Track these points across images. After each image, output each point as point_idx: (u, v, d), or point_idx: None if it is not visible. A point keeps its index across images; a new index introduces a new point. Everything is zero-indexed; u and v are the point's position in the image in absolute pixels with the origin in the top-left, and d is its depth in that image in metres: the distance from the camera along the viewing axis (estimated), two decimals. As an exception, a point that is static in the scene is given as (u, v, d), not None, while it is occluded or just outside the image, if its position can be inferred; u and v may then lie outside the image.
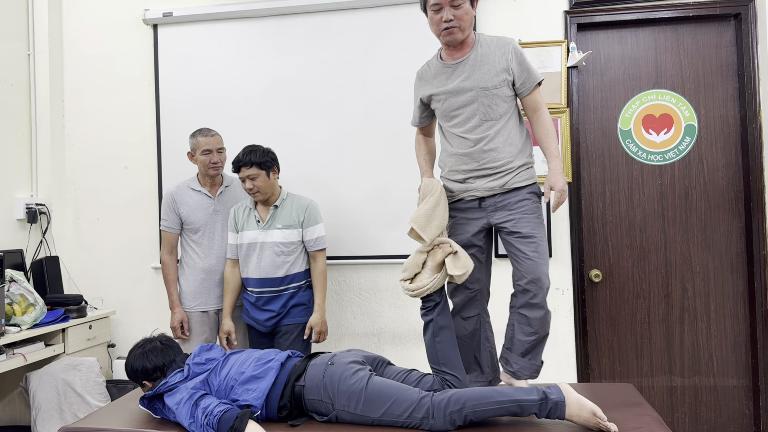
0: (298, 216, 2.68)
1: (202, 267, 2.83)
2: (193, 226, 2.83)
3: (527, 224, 2.08)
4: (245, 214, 2.72)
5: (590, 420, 1.80)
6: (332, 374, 1.96)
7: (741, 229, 3.01)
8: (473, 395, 1.86)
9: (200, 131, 2.83)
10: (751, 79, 2.92)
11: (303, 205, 2.71)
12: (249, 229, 2.68)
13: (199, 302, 2.83)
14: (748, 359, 3.00)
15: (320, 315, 2.68)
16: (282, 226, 2.66)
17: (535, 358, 2.13)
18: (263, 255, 2.65)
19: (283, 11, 3.21)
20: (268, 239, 2.65)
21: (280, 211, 2.69)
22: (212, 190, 2.88)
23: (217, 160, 2.81)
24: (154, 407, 2.04)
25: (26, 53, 3.37)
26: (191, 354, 2.15)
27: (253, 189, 2.62)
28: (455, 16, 2.00)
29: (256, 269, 2.66)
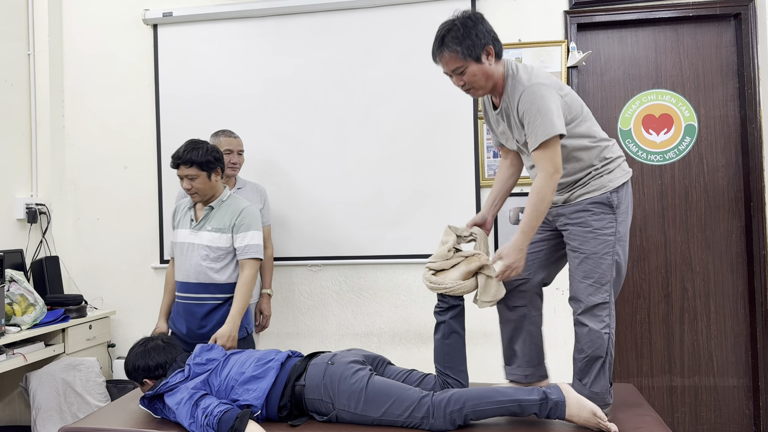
0: (231, 220, 2.46)
1: None
2: None
3: (576, 237, 1.97)
4: (184, 211, 2.57)
5: (590, 420, 1.79)
6: (333, 374, 1.96)
7: (741, 229, 3.01)
8: (473, 395, 1.86)
9: (223, 132, 2.87)
10: (751, 79, 2.92)
11: (237, 209, 2.49)
12: (183, 227, 2.53)
13: None
14: (748, 359, 3.00)
15: (229, 328, 2.37)
16: (212, 228, 2.46)
17: (594, 384, 1.95)
18: (190, 257, 2.47)
19: (283, 11, 3.21)
20: (197, 241, 2.47)
21: (215, 212, 2.49)
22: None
23: (236, 161, 2.83)
24: (155, 407, 2.04)
25: (26, 53, 3.37)
26: (192, 354, 2.15)
27: (191, 190, 2.43)
28: (465, 81, 1.94)
29: (183, 272, 2.49)
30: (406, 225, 3.13)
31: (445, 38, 1.89)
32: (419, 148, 3.12)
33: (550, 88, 1.87)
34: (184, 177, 2.42)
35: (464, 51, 1.86)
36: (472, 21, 1.88)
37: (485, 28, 1.89)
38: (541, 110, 1.83)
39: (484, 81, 1.92)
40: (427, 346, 3.14)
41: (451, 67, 1.92)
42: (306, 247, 3.22)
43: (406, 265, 3.16)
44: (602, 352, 1.93)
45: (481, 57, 1.88)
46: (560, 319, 3.03)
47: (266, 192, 3.02)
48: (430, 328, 3.15)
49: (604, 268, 1.93)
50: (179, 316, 2.51)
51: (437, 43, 1.92)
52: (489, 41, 1.88)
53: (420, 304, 3.15)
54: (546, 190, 1.85)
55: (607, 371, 1.95)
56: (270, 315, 2.98)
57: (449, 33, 1.88)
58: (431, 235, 3.11)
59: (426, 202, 3.12)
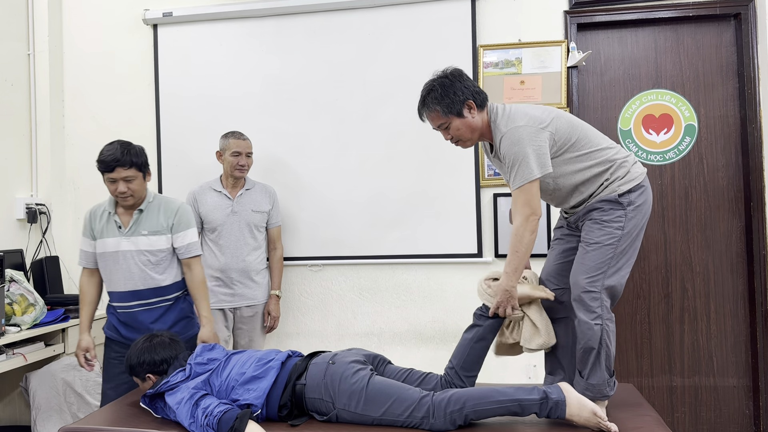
0: (167, 221, 2.40)
1: (216, 266, 2.86)
2: (211, 225, 2.87)
3: (585, 229, 2.02)
4: (104, 218, 2.41)
5: (590, 420, 1.80)
6: (333, 373, 1.96)
7: (741, 229, 3.01)
8: (474, 395, 1.86)
9: (233, 133, 2.89)
10: (751, 79, 2.92)
11: (172, 208, 2.43)
12: (109, 236, 2.38)
13: (215, 300, 2.84)
14: (748, 359, 3.00)
15: (210, 328, 2.41)
16: (148, 232, 2.37)
17: (591, 376, 1.96)
18: (129, 265, 2.36)
19: (283, 11, 3.21)
20: (133, 247, 2.37)
21: (146, 215, 2.39)
22: (233, 191, 2.91)
23: (245, 163, 2.86)
24: (155, 406, 2.04)
25: (26, 53, 3.37)
26: (193, 353, 2.16)
27: (127, 193, 2.30)
28: (451, 135, 2.06)
29: (122, 281, 2.37)
30: (406, 225, 3.13)
31: (426, 99, 2.04)
32: (419, 148, 3.12)
33: (526, 129, 1.94)
34: (120, 180, 2.28)
35: (444, 109, 2.00)
36: (449, 80, 2.02)
37: (463, 84, 2.01)
38: (517, 156, 1.93)
39: (469, 133, 2.04)
40: (427, 346, 3.14)
41: (435, 124, 2.06)
42: (306, 247, 3.22)
43: (406, 265, 3.16)
44: (594, 343, 1.94)
45: (463, 112, 2.00)
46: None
47: (276, 192, 3.05)
48: (430, 328, 3.15)
49: (602, 258, 1.94)
50: (124, 326, 2.41)
51: (421, 103, 2.07)
52: (468, 96, 2.00)
53: (420, 304, 3.15)
54: (523, 233, 1.94)
55: (602, 363, 1.95)
56: (278, 316, 3.02)
57: (429, 94, 2.03)
58: (431, 236, 3.11)
59: (426, 203, 3.12)
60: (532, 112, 2.00)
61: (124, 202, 2.34)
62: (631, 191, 1.97)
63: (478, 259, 3.07)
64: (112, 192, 2.32)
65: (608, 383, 1.97)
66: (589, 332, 1.94)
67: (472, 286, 3.08)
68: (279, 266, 3.04)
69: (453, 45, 3.08)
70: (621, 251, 1.95)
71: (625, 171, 1.99)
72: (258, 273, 2.94)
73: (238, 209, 2.89)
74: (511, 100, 3.03)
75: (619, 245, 1.95)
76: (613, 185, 1.98)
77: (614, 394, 2.16)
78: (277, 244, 3.04)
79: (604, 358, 1.95)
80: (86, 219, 2.44)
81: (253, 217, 2.92)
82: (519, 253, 1.96)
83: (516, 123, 1.96)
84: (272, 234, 3.03)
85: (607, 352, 1.95)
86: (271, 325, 2.99)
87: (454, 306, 3.11)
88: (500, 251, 3.04)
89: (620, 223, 1.95)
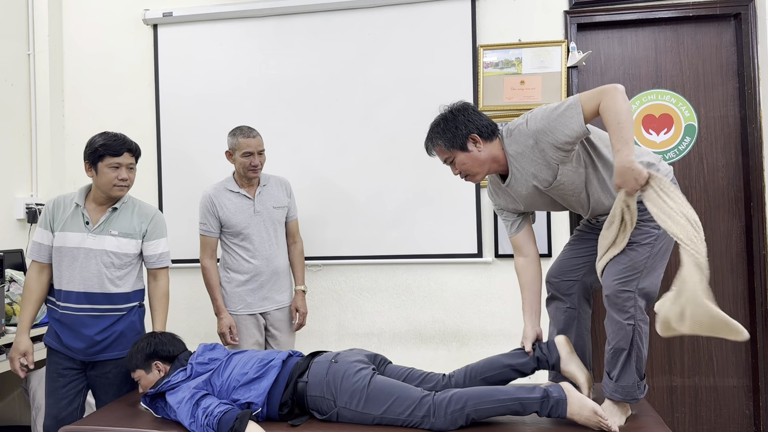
0: (141, 225, 2.32)
1: (247, 269, 2.72)
2: (235, 229, 2.71)
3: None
4: (68, 210, 2.26)
5: (591, 419, 1.79)
6: (336, 371, 1.96)
7: (741, 229, 3.01)
8: (474, 394, 1.86)
9: (241, 131, 2.69)
10: (751, 79, 2.92)
11: (148, 213, 2.35)
12: (73, 230, 2.24)
13: (244, 305, 2.74)
14: (748, 359, 3.00)
15: None
16: (118, 233, 2.27)
17: (621, 378, 1.90)
18: (89, 264, 2.23)
19: (283, 11, 3.21)
20: (97, 246, 2.24)
21: (118, 215, 2.29)
22: (250, 190, 2.76)
23: (257, 163, 2.67)
24: (156, 405, 2.04)
25: (26, 53, 3.37)
26: (194, 353, 2.16)
27: (126, 182, 2.25)
28: (459, 171, 2.03)
29: (78, 280, 2.22)
30: (406, 225, 3.13)
31: (431, 134, 2.03)
32: (419, 147, 3.10)
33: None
34: (124, 166, 2.22)
35: (446, 143, 1.98)
36: (452, 114, 1.99)
37: (467, 118, 1.96)
38: (551, 105, 1.88)
39: (477, 167, 1.99)
40: (427, 346, 3.14)
41: (442, 158, 2.05)
42: (306, 247, 3.21)
43: (406, 265, 3.16)
44: (625, 344, 1.88)
45: (467, 145, 1.96)
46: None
47: (290, 183, 2.92)
48: (430, 328, 3.15)
49: (638, 258, 1.89)
50: (69, 331, 2.23)
51: (427, 138, 2.05)
52: (472, 129, 1.95)
53: (420, 304, 3.15)
54: (614, 104, 1.74)
55: (633, 364, 1.90)
56: (306, 312, 2.88)
57: (434, 129, 2.02)
58: (431, 236, 3.12)
59: (426, 202, 3.12)
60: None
61: (119, 192, 2.24)
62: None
63: (478, 259, 3.07)
64: (108, 180, 2.21)
65: (639, 386, 1.91)
66: (621, 332, 1.89)
67: (472, 286, 3.09)
68: (301, 260, 2.90)
69: (453, 45, 3.08)
70: (657, 251, 1.91)
71: (654, 170, 1.93)
72: (286, 273, 2.85)
73: (260, 208, 2.74)
74: (511, 100, 3.03)
75: (656, 245, 1.90)
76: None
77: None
78: (296, 237, 2.91)
79: (635, 360, 1.90)
80: (48, 209, 2.28)
81: (275, 213, 2.78)
82: (622, 123, 1.73)
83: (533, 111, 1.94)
84: (291, 227, 2.89)
85: (639, 354, 1.90)
86: (300, 321, 2.85)
87: (454, 306, 3.11)
88: (500, 251, 3.04)
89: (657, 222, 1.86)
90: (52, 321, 2.28)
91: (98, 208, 2.29)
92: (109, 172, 2.21)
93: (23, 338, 2.24)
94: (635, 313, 1.89)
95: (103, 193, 2.26)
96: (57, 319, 2.25)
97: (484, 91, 3.05)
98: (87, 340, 2.23)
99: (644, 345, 1.91)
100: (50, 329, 2.29)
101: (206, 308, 3.31)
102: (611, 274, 1.92)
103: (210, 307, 3.18)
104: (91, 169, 2.25)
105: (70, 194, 2.33)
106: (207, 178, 3.29)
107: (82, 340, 2.23)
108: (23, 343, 2.23)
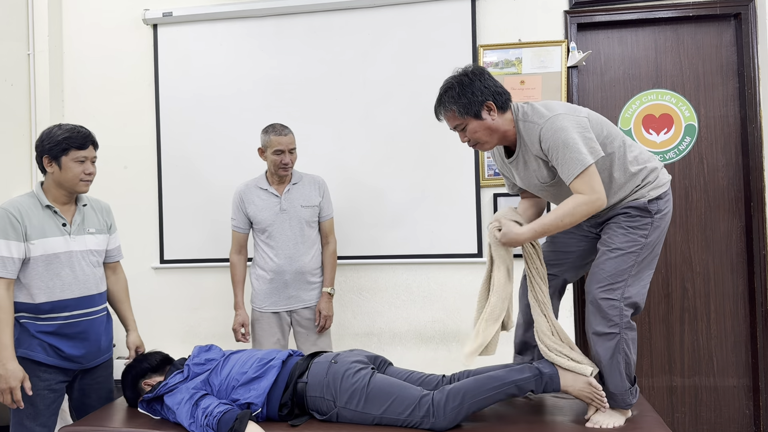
0: (105, 220, 2.27)
1: (271, 267, 2.70)
2: (261, 225, 2.71)
3: (608, 231, 1.94)
4: (39, 215, 2.07)
5: (584, 390, 1.79)
6: (336, 372, 1.96)
7: (741, 229, 3.01)
8: (470, 386, 1.86)
9: (273, 128, 2.67)
10: (751, 79, 2.92)
11: (105, 207, 2.31)
12: (52, 234, 2.07)
13: (269, 303, 2.72)
14: (748, 359, 3.00)
15: (137, 333, 2.35)
16: (95, 230, 2.20)
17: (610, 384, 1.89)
18: (82, 267, 2.14)
19: (283, 11, 3.21)
20: (81, 247, 2.14)
21: (88, 211, 2.21)
22: (279, 188, 2.74)
23: (288, 161, 2.66)
24: (153, 408, 2.04)
25: (26, 53, 3.37)
26: (190, 355, 2.16)
27: (92, 175, 2.14)
28: (468, 138, 1.94)
29: (74, 287, 2.10)
30: (406, 225, 3.13)
31: (443, 97, 1.91)
32: (419, 147, 3.12)
33: (567, 116, 1.81)
34: (89, 160, 2.12)
35: (461, 109, 1.87)
36: (468, 78, 1.88)
37: (483, 84, 1.87)
38: (566, 143, 1.77)
39: (488, 136, 1.91)
40: (427, 346, 3.14)
41: (452, 124, 1.94)
42: (306, 247, 3.22)
43: (406, 265, 3.16)
44: (610, 353, 1.86)
45: (481, 113, 1.87)
46: (560, 319, 3.03)
47: (325, 182, 2.86)
48: (430, 328, 3.15)
49: (623, 266, 1.87)
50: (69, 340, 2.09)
51: (437, 102, 1.93)
52: (488, 97, 1.87)
53: (420, 304, 3.15)
54: (581, 209, 1.78)
55: (621, 373, 1.88)
56: (331, 315, 2.77)
57: (446, 92, 1.90)
58: (431, 236, 3.11)
59: (426, 202, 3.11)
60: (567, 104, 1.91)
61: (85, 187, 2.12)
62: (659, 198, 1.92)
63: (478, 259, 3.07)
64: (75, 175, 2.07)
65: (630, 392, 1.90)
66: (605, 342, 1.87)
67: (472, 286, 3.08)
68: (331, 261, 2.82)
69: (453, 45, 3.08)
70: (642, 260, 1.88)
71: (655, 176, 1.94)
72: (314, 273, 2.77)
73: (287, 206, 2.71)
74: (511, 100, 3.03)
75: (641, 254, 1.88)
76: (644, 189, 1.91)
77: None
78: (330, 237, 2.84)
79: (624, 366, 1.88)
80: (11, 218, 2.01)
81: (304, 212, 2.73)
82: (560, 223, 1.80)
83: (555, 111, 1.83)
84: (325, 227, 2.82)
85: (627, 360, 1.88)
86: (323, 324, 2.75)
87: (454, 306, 3.11)
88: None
89: (645, 231, 1.88)
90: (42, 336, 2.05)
91: (64, 208, 2.14)
92: (75, 166, 2.08)
93: (15, 365, 1.95)
94: (620, 322, 1.86)
95: (66, 190, 2.11)
96: (50, 332, 2.06)
97: (484, 91, 3.05)
98: (90, 345, 2.14)
99: (632, 351, 1.89)
100: (32, 345, 2.04)
101: (205, 308, 3.32)
102: (594, 281, 1.89)
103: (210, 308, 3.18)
104: (52, 163, 2.07)
105: (23, 199, 2.09)
106: (207, 178, 3.29)
107: (85, 347, 2.13)
108: (19, 370, 1.96)
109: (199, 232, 3.30)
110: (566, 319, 3.03)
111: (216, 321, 3.29)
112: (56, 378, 2.09)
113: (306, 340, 2.76)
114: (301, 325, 2.76)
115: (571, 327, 3.04)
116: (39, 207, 2.08)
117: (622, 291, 1.86)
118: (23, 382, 1.96)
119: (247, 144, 3.18)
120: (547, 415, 2.00)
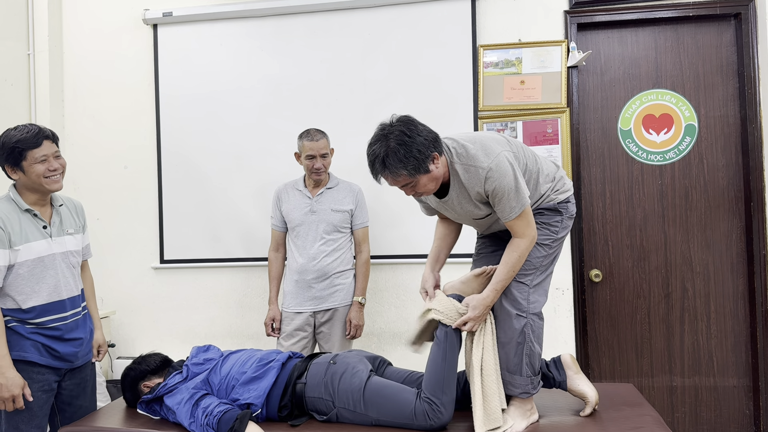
0: (77, 218, 2.24)
1: (295, 267, 2.76)
2: (291, 224, 2.80)
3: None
4: (20, 219, 2.02)
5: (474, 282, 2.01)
6: (334, 372, 1.97)
7: (741, 229, 3.01)
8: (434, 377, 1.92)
9: (307, 134, 2.72)
10: (751, 79, 2.92)
11: (77, 205, 2.26)
12: (34, 239, 2.03)
13: (294, 303, 2.77)
14: (748, 359, 3.00)
15: (102, 332, 2.33)
16: (73, 230, 2.17)
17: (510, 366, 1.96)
18: (63, 269, 2.10)
19: (283, 11, 3.21)
20: (62, 249, 2.11)
21: (64, 212, 2.17)
22: (313, 190, 2.81)
23: (320, 166, 2.70)
24: (153, 409, 2.04)
25: (26, 53, 3.37)
26: (189, 356, 2.17)
27: (59, 170, 2.06)
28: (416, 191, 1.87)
29: (60, 289, 2.08)
30: (406, 225, 3.13)
31: (386, 163, 1.78)
32: (419, 148, 3.11)
33: (508, 156, 1.84)
34: (50, 156, 2.02)
35: (411, 171, 1.77)
36: (407, 136, 1.77)
37: (422, 137, 1.78)
38: (512, 188, 1.81)
39: (435, 184, 1.86)
40: (427, 345, 3.13)
41: (399, 185, 1.85)
42: (306, 247, 3.22)
43: (406, 265, 3.16)
44: (516, 336, 1.93)
45: (429, 167, 1.80)
46: (560, 318, 3.03)
47: (362, 191, 2.88)
48: (430, 328, 3.14)
49: (537, 254, 1.96)
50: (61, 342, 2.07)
51: (381, 166, 1.80)
52: (431, 148, 1.79)
53: (420, 304, 3.14)
54: (526, 252, 1.91)
55: (522, 357, 1.93)
56: (361, 324, 2.80)
57: (389, 157, 1.77)
58: (431, 236, 3.10)
59: (426, 202, 3.11)
60: (492, 137, 1.92)
61: (55, 184, 2.04)
62: (567, 201, 2.03)
63: (478, 259, 3.06)
64: (39, 175, 1.99)
65: (532, 381, 1.95)
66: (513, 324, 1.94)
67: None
68: (364, 270, 2.83)
69: (453, 45, 3.08)
70: (551, 253, 2.00)
71: (562, 183, 2.04)
72: (339, 276, 2.78)
73: (317, 208, 2.76)
74: (511, 100, 3.03)
75: (552, 246, 1.99)
76: (552, 195, 2.01)
77: (614, 394, 2.16)
78: (362, 246, 2.85)
79: (526, 353, 1.94)
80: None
81: (333, 216, 2.75)
82: (514, 272, 1.92)
83: (494, 151, 1.82)
84: (357, 236, 2.84)
85: (531, 349, 1.95)
86: (353, 334, 2.77)
87: (454, 306, 3.11)
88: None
89: (557, 228, 2.00)
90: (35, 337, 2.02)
91: (42, 210, 2.09)
92: (38, 166, 1.99)
93: (13, 372, 1.94)
94: (527, 306, 1.94)
95: (36, 192, 2.06)
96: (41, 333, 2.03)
97: (484, 91, 3.06)
98: (80, 343, 2.14)
99: (536, 341, 1.96)
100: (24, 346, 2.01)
101: (205, 308, 3.32)
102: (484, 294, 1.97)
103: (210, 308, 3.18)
104: (15, 171, 2.02)
105: (2, 205, 2.03)
106: (207, 178, 3.29)
107: (75, 345, 2.12)
108: (19, 377, 1.95)
109: (199, 232, 3.30)
110: (566, 319, 3.03)
111: (216, 321, 3.29)
112: (49, 378, 2.07)
113: (327, 340, 2.78)
114: (323, 326, 2.78)
115: (571, 327, 3.04)
116: (18, 211, 2.03)
117: (533, 278, 1.96)
118: (23, 389, 1.96)
119: (247, 144, 3.18)
120: (547, 415, 2.00)
